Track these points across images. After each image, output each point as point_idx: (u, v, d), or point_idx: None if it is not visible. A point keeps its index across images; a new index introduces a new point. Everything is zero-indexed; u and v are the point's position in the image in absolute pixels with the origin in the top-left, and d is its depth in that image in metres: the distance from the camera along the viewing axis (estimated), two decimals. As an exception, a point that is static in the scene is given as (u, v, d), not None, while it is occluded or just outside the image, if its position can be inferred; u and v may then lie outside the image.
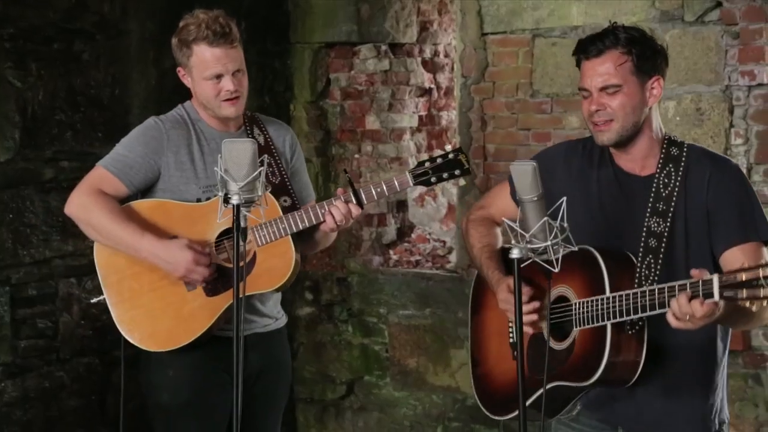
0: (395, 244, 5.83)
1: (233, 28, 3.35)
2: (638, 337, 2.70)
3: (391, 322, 5.59)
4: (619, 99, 2.76)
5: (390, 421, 5.66)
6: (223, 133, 3.44)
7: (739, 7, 4.50)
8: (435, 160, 3.26)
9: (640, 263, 2.76)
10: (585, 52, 2.81)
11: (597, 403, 2.90)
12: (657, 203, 2.79)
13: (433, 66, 5.97)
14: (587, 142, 2.98)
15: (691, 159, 2.82)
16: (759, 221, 2.79)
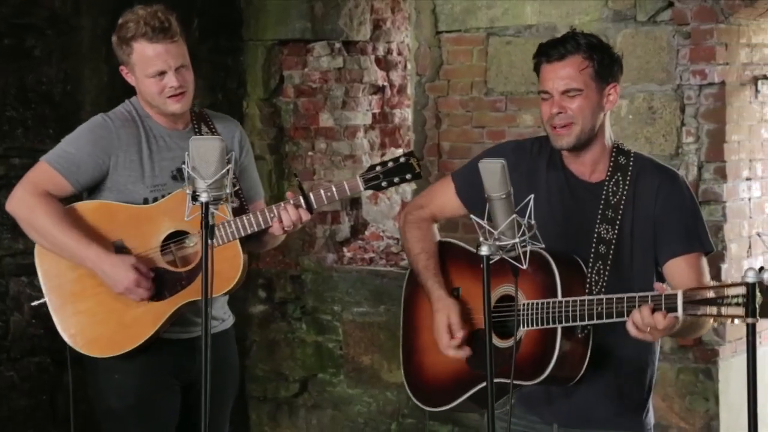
0: (349, 242, 5.83)
1: (173, 23, 3.28)
2: (584, 341, 2.76)
3: (345, 320, 5.60)
4: (579, 102, 2.80)
5: (344, 418, 5.66)
6: (172, 130, 3.38)
7: (690, 8, 4.57)
8: (386, 165, 3.26)
9: (590, 269, 2.82)
10: (547, 56, 2.85)
11: (533, 399, 2.94)
12: (606, 210, 2.85)
13: (387, 64, 5.98)
14: (535, 144, 3.01)
15: (638, 168, 2.88)
16: (702, 233, 2.87)
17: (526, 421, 2.98)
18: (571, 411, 2.90)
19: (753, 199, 4.77)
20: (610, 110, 2.91)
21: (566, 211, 2.89)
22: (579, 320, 2.68)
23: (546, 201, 2.88)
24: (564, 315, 2.70)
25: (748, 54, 4.69)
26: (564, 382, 2.81)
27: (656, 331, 2.56)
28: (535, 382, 2.77)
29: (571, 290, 2.74)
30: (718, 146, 4.57)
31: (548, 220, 2.84)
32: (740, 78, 4.65)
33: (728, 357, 4.70)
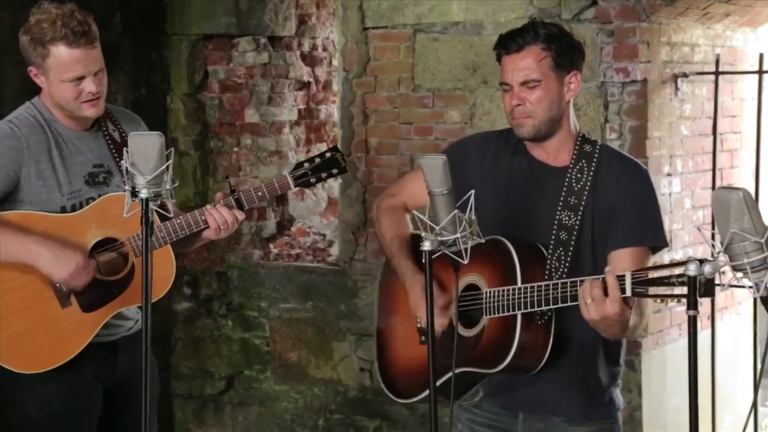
0: (275, 238, 5.82)
1: (92, 26, 3.15)
2: (546, 328, 2.77)
3: (272, 316, 5.58)
4: (539, 94, 2.82)
5: (270, 415, 5.65)
6: (80, 132, 3.28)
7: (613, 6, 4.66)
8: (313, 161, 3.28)
9: (550, 255, 2.83)
10: (506, 48, 2.86)
11: (499, 389, 2.96)
12: (569, 197, 2.86)
13: (312, 60, 5.98)
14: (502, 135, 3.03)
15: (603, 157, 2.90)
16: (655, 227, 2.89)
17: (493, 414, 2.99)
18: (536, 400, 2.92)
19: (673, 194, 4.89)
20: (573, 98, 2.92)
21: (528, 197, 2.91)
22: (538, 305, 2.69)
23: (507, 187, 2.90)
24: (523, 301, 2.71)
25: (668, 52, 4.81)
26: (527, 371, 2.82)
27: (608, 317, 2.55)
28: (497, 370, 2.78)
29: (531, 277, 2.75)
30: (640, 142, 4.66)
31: (510, 206, 2.87)
32: (661, 76, 4.76)
33: (650, 349, 4.81)
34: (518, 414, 2.96)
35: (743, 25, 5.29)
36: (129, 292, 3.21)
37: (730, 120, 5.28)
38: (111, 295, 3.23)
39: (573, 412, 2.92)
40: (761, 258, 2.05)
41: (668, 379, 4.95)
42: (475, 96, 4.97)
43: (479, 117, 4.96)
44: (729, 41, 5.25)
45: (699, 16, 4.88)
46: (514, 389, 2.94)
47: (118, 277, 3.23)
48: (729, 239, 2.05)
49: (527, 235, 2.86)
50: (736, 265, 2.07)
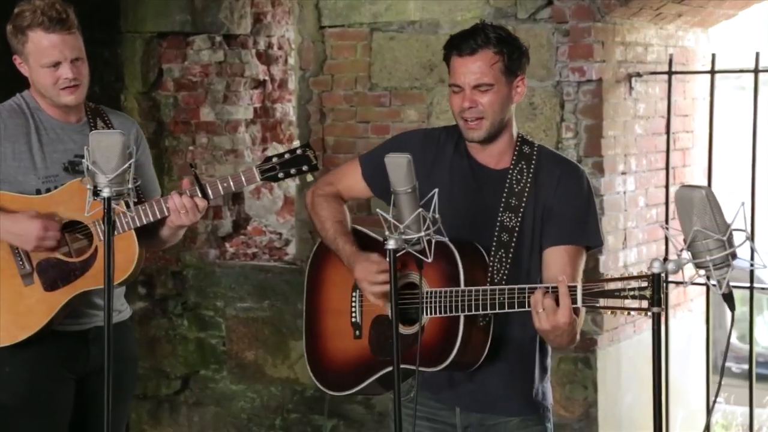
0: (231, 237, 5.79)
1: (71, 14, 3.28)
2: (486, 328, 2.83)
3: (228, 315, 5.56)
4: (490, 97, 2.85)
5: (227, 414, 5.63)
6: (64, 123, 3.37)
7: (569, 6, 4.70)
8: (283, 156, 3.25)
9: (492, 257, 2.87)
10: (458, 50, 2.87)
11: (435, 385, 2.99)
12: (510, 198, 2.90)
13: (267, 58, 5.96)
14: (443, 132, 3.05)
15: (542, 158, 2.94)
16: (591, 227, 2.93)
17: (431, 408, 3.02)
18: (473, 395, 2.97)
19: (628, 192, 4.94)
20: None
21: (470, 199, 2.94)
22: (482, 309, 2.73)
23: (449, 188, 2.92)
24: (467, 304, 2.74)
25: (622, 52, 4.86)
26: (465, 368, 2.87)
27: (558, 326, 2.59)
28: (439, 368, 2.81)
29: (473, 279, 2.79)
30: (595, 141, 4.71)
31: (451, 208, 2.87)
32: (616, 75, 4.81)
33: (605, 346, 4.86)
34: (455, 408, 3.01)
35: (695, 26, 5.37)
36: (90, 275, 3.24)
37: (683, 119, 5.35)
38: (73, 275, 3.27)
39: (508, 407, 2.98)
40: (723, 255, 2.08)
41: (623, 375, 5.00)
42: (432, 95, 4.99)
43: (436, 116, 4.98)
44: (681, 41, 5.32)
45: (652, 17, 4.94)
46: (452, 385, 2.98)
47: (80, 259, 3.27)
48: (692, 237, 2.08)
49: (469, 236, 2.89)
50: (698, 263, 2.10)
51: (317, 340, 3.15)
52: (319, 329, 3.15)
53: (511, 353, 2.94)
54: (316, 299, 3.18)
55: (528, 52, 2.96)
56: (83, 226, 3.28)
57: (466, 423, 3.01)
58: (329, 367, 3.11)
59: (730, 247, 2.09)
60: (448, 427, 3.02)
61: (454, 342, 2.78)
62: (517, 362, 2.96)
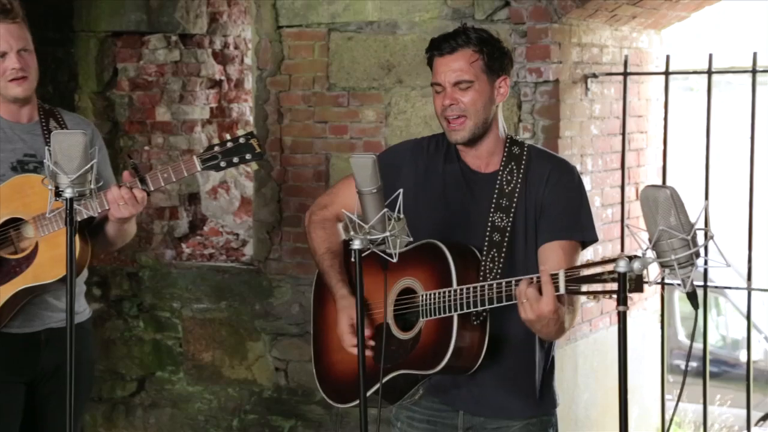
0: (188, 238, 5.76)
1: (15, 5, 3.26)
2: (481, 328, 2.81)
3: (185, 316, 5.53)
4: (471, 95, 2.86)
5: (183, 416, 5.59)
6: (14, 123, 3.34)
7: (526, 7, 4.73)
8: (225, 144, 3.18)
9: (484, 257, 2.87)
10: (438, 49, 2.89)
11: (440, 388, 2.99)
12: (500, 199, 2.91)
13: (224, 58, 5.93)
14: (433, 140, 3.06)
15: (532, 157, 2.95)
16: (585, 222, 2.94)
17: (433, 410, 3.01)
18: (478, 399, 2.95)
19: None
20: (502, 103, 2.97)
21: (462, 203, 2.94)
22: (474, 306, 2.72)
23: (442, 194, 2.94)
24: (459, 303, 2.74)
25: (578, 53, 4.90)
26: (464, 371, 2.85)
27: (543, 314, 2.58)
28: (434, 371, 2.80)
29: (466, 279, 2.78)
30: (552, 141, 4.74)
31: (445, 212, 2.90)
32: (572, 76, 4.85)
33: (562, 345, 4.89)
34: (458, 411, 3.00)
35: (648, 27, 5.43)
36: (29, 272, 3.21)
37: (637, 120, 5.41)
38: (13, 273, 3.23)
39: (511, 409, 2.96)
40: (688, 254, 2.11)
41: (579, 374, 5.05)
42: (390, 95, 5.00)
43: (394, 116, 4.99)
44: (635, 43, 5.38)
45: (607, 18, 4.99)
46: (455, 388, 2.98)
47: (20, 256, 3.23)
48: (657, 236, 2.10)
49: (462, 238, 2.90)
50: (663, 262, 2.13)
51: (324, 354, 3.15)
52: (325, 342, 3.14)
53: (512, 355, 2.92)
54: (322, 313, 3.17)
55: (511, 54, 2.97)
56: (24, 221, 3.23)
57: (468, 425, 2.99)
58: (336, 379, 3.11)
59: (694, 246, 2.11)
60: (449, 429, 3.00)
61: (449, 344, 2.77)
62: (518, 363, 2.94)
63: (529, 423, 2.97)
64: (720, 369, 8.63)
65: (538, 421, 2.99)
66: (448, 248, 2.81)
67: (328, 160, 5.11)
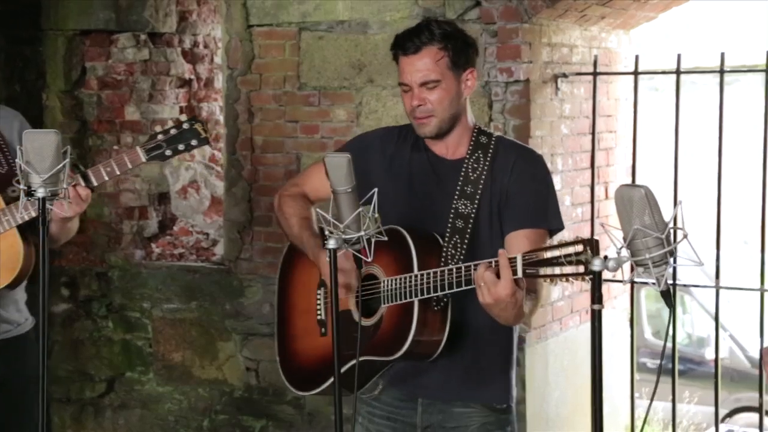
0: (157, 237, 5.73)
1: None
2: (442, 314, 2.82)
3: (155, 317, 5.50)
4: (438, 93, 2.87)
5: (153, 417, 5.56)
6: None
7: (496, 7, 4.74)
8: (168, 132, 3.10)
9: (446, 243, 2.88)
10: (403, 49, 2.90)
11: (400, 378, 2.99)
12: (465, 186, 2.92)
13: (193, 57, 5.91)
14: (402, 129, 3.07)
15: (499, 147, 2.96)
16: (551, 211, 2.96)
17: (393, 407, 3.02)
18: (436, 386, 2.96)
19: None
20: None
21: (428, 190, 2.96)
22: (433, 292, 2.73)
23: (409, 181, 2.95)
24: (419, 288, 2.74)
25: (549, 53, 4.92)
26: (425, 358, 2.86)
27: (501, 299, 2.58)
28: (395, 356, 2.81)
29: (427, 265, 2.79)
30: (523, 141, 4.73)
31: (411, 199, 2.92)
32: (542, 76, 4.87)
33: (533, 343, 4.92)
34: (417, 399, 3.00)
35: (617, 28, 5.46)
36: None
37: (606, 119, 5.44)
38: None
39: (471, 397, 2.97)
40: (662, 253, 2.12)
41: (550, 372, 5.07)
42: (361, 95, 5.00)
43: (365, 115, 4.99)
44: (604, 43, 5.41)
45: (577, 18, 5.02)
46: (416, 376, 2.98)
47: None
48: (632, 235, 2.11)
49: (425, 225, 2.91)
50: (638, 260, 2.14)
51: (287, 342, 3.15)
52: (288, 331, 3.15)
53: (473, 343, 2.94)
54: (286, 302, 3.18)
55: (476, 44, 2.98)
56: None
57: (426, 423, 3.00)
58: (298, 367, 3.11)
59: (668, 245, 2.13)
60: (408, 427, 3.01)
61: (409, 328, 2.77)
62: (478, 352, 2.95)
63: (487, 423, 2.98)
64: (686, 367, 8.69)
65: (496, 419, 3.00)
66: (410, 234, 2.82)
67: (299, 160, 5.10)
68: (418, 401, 3.00)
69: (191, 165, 5.87)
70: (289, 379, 3.13)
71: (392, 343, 2.82)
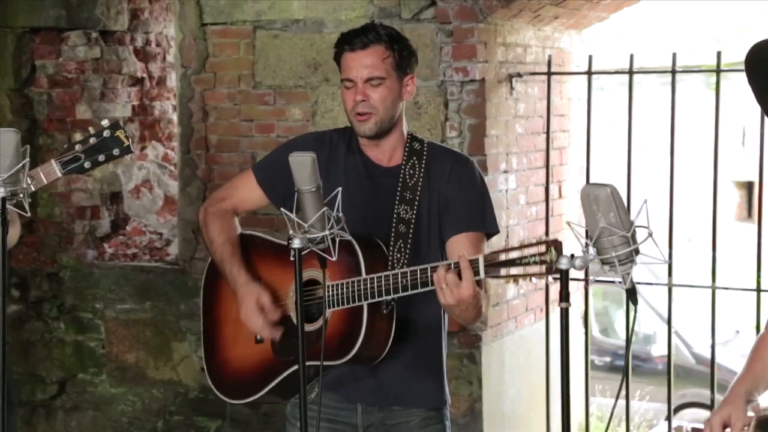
0: (110, 237, 5.67)
1: None
2: (389, 318, 2.85)
3: (108, 317, 5.45)
4: (382, 91, 2.91)
5: (106, 419, 5.51)
6: None
7: (452, 7, 4.76)
8: (87, 141, 2.97)
9: (391, 248, 2.92)
10: (350, 45, 2.92)
11: (338, 382, 3.01)
12: (404, 192, 2.96)
13: (145, 55, 5.85)
14: (335, 134, 3.10)
15: (432, 153, 3.02)
16: (488, 214, 3.02)
17: (332, 408, 3.02)
18: (375, 390, 2.99)
19: (509, 190, 5.04)
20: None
21: (365, 195, 2.99)
22: (385, 294, 2.75)
23: (345, 187, 2.91)
24: (370, 291, 2.76)
25: (504, 53, 4.95)
26: (371, 360, 2.88)
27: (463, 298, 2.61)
28: (343, 361, 2.82)
29: (374, 269, 2.81)
30: (479, 140, 4.79)
31: (348, 205, 2.89)
32: (497, 75, 4.89)
33: (489, 341, 4.94)
34: (357, 404, 3.02)
35: (569, 28, 5.51)
36: None
37: (559, 119, 5.48)
38: None
39: (411, 399, 3.00)
40: (628, 251, 2.14)
41: (506, 370, 5.10)
42: (316, 94, 4.99)
43: (321, 114, 4.98)
44: (557, 43, 5.45)
45: (531, 18, 5.05)
46: (354, 381, 3.00)
47: None
48: (598, 233, 2.13)
49: (368, 231, 2.93)
50: (604, 259, 2.16)
51: (217, 350, 3.13)
52: (218, 339, 3.13)
53: (416, 345, 2.97)
54: (214, 310, 3.16)
55: (416, 52, 3.03)
56: None
57: (367, 423, 3.02)
58: (230, 376, 3.09)
59: (633, 243, 2.15)
60: (349, 428, 3.03)
61: (359, 332, 2.79)
62: (422, 354, 2.99)
63: (427, 417, 3.02)
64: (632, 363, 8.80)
65: (436, 413, 3.03)
66: (356, 239, 2.82)
67: (254, 159, 5.07)
68: (358, 408, 3.02)
69: (144, 164, 5.82)
70: (219, 388, 3.11)
71: (340, 348, 2.83)
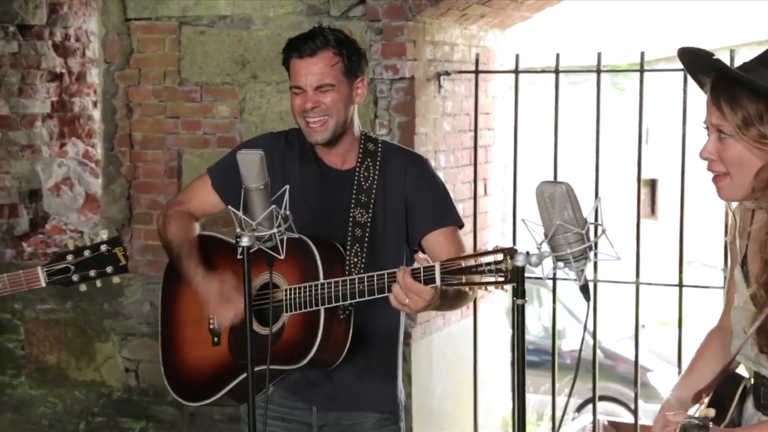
0: (29, 236, 5.53)
1: None
2: (346, 323, 2.84)
3: (27, 318, 5.32)
4: (333, 97, 2.89)
5: (26, 421, 5.38)
6: None
7: (381, 5, 4.76)
8: (81, 253, 2.77)
9: (348, 251, 2.90)
10: (298, 51, 2.90)
11: (294, 386, 2.99)
12: (359, 195, 2.95)
13: (65, 50, 5.73)
14: (289, 135, 3.06)
15: (387, 154, 3.01)
16: (452, 208, 3.04)
17: (286, 407, 3.01)
18: (331, 394, 2.98)
19: (437, 188, 5.04)
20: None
21: (321, 200, 2.96)
22: (342, 300, 2.73)
23: (301, 191, 2.93)
24: (327, 296, 2.74)
25: (432, 51, 4.97)
26: (327, 365, 2.87)
27: (418, 302, 2.59)
28: (299, 366, 2.80)
29: (332, 273, 2.80)
30: (408, 138, 4.79)
31: (304, 210, 2.90)
32: (426, 74, 4.91)
33: (418, 338, 4.96)
34: (312, 407, 3.01)
35: (494, 27, 5.56)
36: None
37: (485, 117, 5.52)
38: None
39: (366, 403, 3.01)
40: (582, 248, 2.17)
41: (434, 367, 5.12)
42: (244, 91, 4.94)
43: (249, 112, 4.93)
44: (482, 42, 5.49)
45: (458, 17, 5.08)
46: (310, 386, 2.99)
47: None
48: (554, 230, 2.15)
49: (324, 234, 2.91)
50: (559, 256, 2.18)
51: (175, 352, 3.09)
52: (176, 341, 3.09)
53: (373, 350, 2.97)
54: (172, 313, 3.11)
55: (365, 54, 3.03)
56: None
57: (322, 422, 3.01)
58: (188, 378, 3.06)
59: (588, 240, 2.17)
60: (303, 427, 3.02)
61: (315, 337, 2.77)
62: (378, 359, 2.99)
63: (383, 419, 3.02)
64: (541, 358, 8.93)
65: (391, 416, 3.04)
66: (314, 243, 2.81)
67: (180, 156, 5.01)
68: (313, 409, 3.01)
69: (64, 161, 5.69)
70: (176, 390, 3.08)
71: (296, 352, 2.81)
